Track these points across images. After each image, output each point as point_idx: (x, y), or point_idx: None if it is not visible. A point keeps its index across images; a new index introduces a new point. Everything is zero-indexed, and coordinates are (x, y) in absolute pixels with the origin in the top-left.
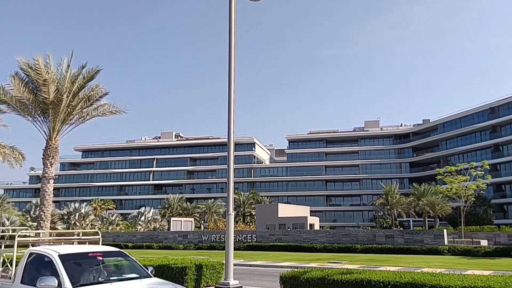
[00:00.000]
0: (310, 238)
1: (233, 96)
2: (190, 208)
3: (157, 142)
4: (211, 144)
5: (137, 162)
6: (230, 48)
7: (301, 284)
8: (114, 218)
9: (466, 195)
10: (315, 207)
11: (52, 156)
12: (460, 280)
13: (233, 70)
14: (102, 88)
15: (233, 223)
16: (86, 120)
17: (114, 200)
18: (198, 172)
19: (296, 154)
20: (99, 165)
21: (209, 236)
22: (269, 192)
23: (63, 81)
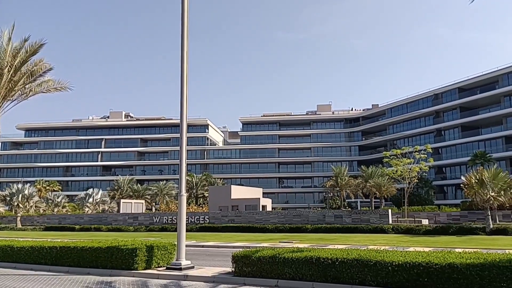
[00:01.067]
0: (262, 219)
1: (185, 77)
2: (141, 190)
3: (105, 122)
4: (163, 125)
5: (85, 142)
6: (183, 26)
7: (253, 263)
8: (60, 200)
9: (410, 177)
10: (268, 189)
11: None
12: (402, 256)
13: (186, 49)
14: (46, 63)
15: (185, 204)
16: (29, 96)
17: (60, 182)
18: (149, 154)
19: (249, 136)
20: (44, 145)
21: (161, 218)
22: (223, 174)
23: (4, 54)
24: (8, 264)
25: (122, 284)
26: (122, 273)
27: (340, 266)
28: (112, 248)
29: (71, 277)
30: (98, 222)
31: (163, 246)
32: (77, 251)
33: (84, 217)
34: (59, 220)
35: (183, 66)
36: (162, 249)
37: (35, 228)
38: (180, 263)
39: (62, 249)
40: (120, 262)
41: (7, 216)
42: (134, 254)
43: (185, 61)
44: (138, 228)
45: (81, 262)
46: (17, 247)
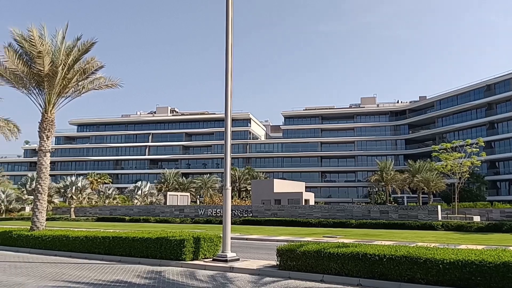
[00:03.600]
0: (305, 213)
1: (230, 72)
2: (186, 183)
3: (152, 117)
4: (206, 119)
5: (133, 137)
6: (227, 23)
7: (298, 257)
8: (111, 192)
9: (461, 172)
10: (310, 183)
11: (48, 129)
12: (454, 254)
13: (230, 45)
14: (98, 61)
15: (230, 197)
16: (81, 93)
17: (110, 174)
18: (193, 148)
19: (291, 130)
20: (95, 139)
21: (206, 211)
22: (265, 168)
23: (58, 53)
24: (64, 253)
25: (171, 274)
26: (171, 263)
27: (388, 262)
28: (161, 239)
29: (123, 266)
30: (146, 214)
31: (209, 238)
32: (129, 241)
33: (134, 208)
34: (110, 211)
35: (227, 62)
36: (208, 241)
37: (87, 218)
38: (226, 255)
39: (114, 239)
40: (168, 252)
41: (62, 207)
42: (182, 245)
43: (230, 57)
44: (184, 220)
45: (132, 252)
46: (72, 237)
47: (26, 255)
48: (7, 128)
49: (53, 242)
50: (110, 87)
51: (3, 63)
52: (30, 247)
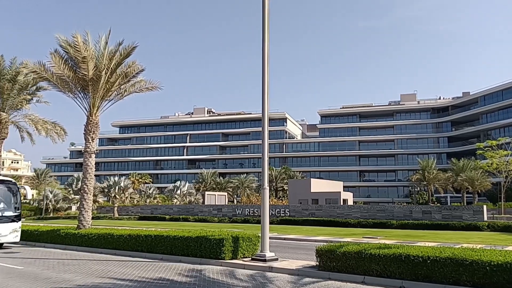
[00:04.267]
0: (344, 213)
1: (266, 72)
2: (223, 183)
3: (190, 117)
4: (243, 119)
5: (171, 138)
6: (264, 24)
7: (338, 257)
8: (152, 191)
9: (507, 170)
10: (348, 182)
11: (93, 131)
12: (502, 256)
13: (266, 46)
14: (139, 65)
15: (268, 197)
16: (124, 96)
17: (150, 174)
18: (230, 147)
19: (328, 129)
20: (136, 141)
21: (243, 210)
22: (301, 167)
23: (102, 58)
24: (109, 250)
25: (211, 273)
26: (211, 262)
27: (432, 264)
28: (201, 238)
29: (165, 264)
30: (185, 213)
31: (247, 238)
32: (170, 240)
33: (173, 208)
34: (151, 210)
35: (264, 62)
36: (247, 240)
37: (130, 217)
38: (265, 254)
39: (156, 238)
40: (208, 251)
41: (105, 206)
42: (221, 244)
43: (266, 57)
44: (222, 219)
45: (173, 250)
46: (117, 235)
47: (74, 252)
48: (54, 131)
49: (98, 240)
50: (150, 89)
51: (50, 69)
52: (77, 244)
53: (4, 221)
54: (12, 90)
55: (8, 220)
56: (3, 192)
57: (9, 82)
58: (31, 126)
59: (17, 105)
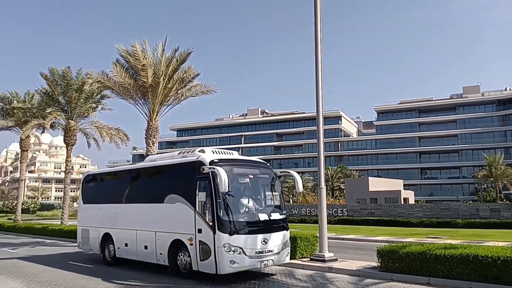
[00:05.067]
0: (405, 213)
1: (320, 70)
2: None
3: (244, 119)
4: (296, 119)
5: (227, 139)
6: (316, 21)
7: (400, 258)
8: None
9: None
10: (409, 180)
11: (153, 136)
12: None
13: (319, 44)
14: (194, 70)
15: (325, 197)
16: (181, 101)
17: None
18: (284, 147)
19: (385, 126)
20: (193, 143)
21: (300, 210)
22: (358, 166)
23: (159, 65)
24: None
25: (270, 272)
26: None
27: (503, 265)
28: None
29: None
30: None
31: (305, 238)
32: None
33: None
34: None
35: (317, 60)
36: (305, 240)
37: None
38: (324, 255)
39: None
40: None
41: None
42: None
43: (319, 56)
44: None
45: None
46: None
47: None
48: (118, 136)
49: None
50: (206, 93)
51: (113, 78)
52: None
53: (275, 229)
54: (79, 100)
55: (279, 228)
56: (264, 181)
57: (76, 92)
58: (97, 132)
59: (84, 113)
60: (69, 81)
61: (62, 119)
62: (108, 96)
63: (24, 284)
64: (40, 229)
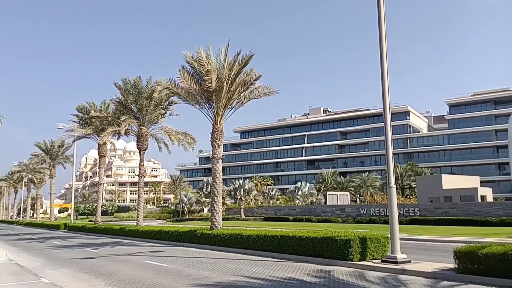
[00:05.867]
0: (483, 211)
1: (385, 64)
2: (345, 182)
3: (306, 118)
4: (361, 116)
5: (290, 140)
6: (380, 15)
7: (479, 259)
8: (274, 193)
9: None
10: (486, 177)
11: (218, 138)
12: None
13: (384, 38)
14: (256, 72)
15: (395, 196)
16: (244, 103)
17: (271, 176)
18: (349, 146)
19: (458, 119)
20: (256, 144)
21: (368, 210)
22: (429, 163)
23: (222, 69)
24: (239, 250)
25: (340, 274)
26: (338, 263)
27: None
28: (327, 238)
29: (293, 264)
30: (308, 213)
31: (376, 238)
32: (296, 240)
33: (296, 208)
34: (275, 211)
35: (382, 54)
36: (375, 241)
37: (255, 218)
38: (396, 256)
39: (282, 238)
40: (335, 252)
41: (233, 208)
42: (348, 245)
43: (384, 49)
44: (346, 219)
45: (300, 250)
46: (246, 235)
47: (209, 251)
48: (185, 140)
49: (229, 240)
50: (268, 94)
51: (179, 84)
52: (211, 244)
53: None
54: (149, 107)
55: None
56: None
57: (147, 99)
58: (166, 137)
59: (154, 119)
60: (140, 90)
61: (135, 126)
62: (176, 102)
63: (105, 282)
64: (118, 230)
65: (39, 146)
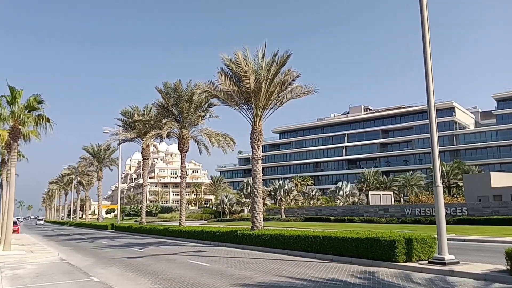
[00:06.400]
0: None
1: (429, 59)
2: (387, 182)
3: (346, 117)
4: (403, 113)
5: (329, 139)
6: (422, 9)
7: None
8: (314, 193)
9: None
10: None
11: (258, 139)
12: None
13: (427, 32)
14: (294, 72)
15: (442, 195)
16: (282, 103)
17: (311, 176)
18: (392, 144)
19: (508, 114)
20: (295, 145)
21: (413, 210)
22: (476, 160)
23: (260, 70)
24: (280, 250)
25: (385, 275)
26: (383, 264)
27: None
28: (371, 239)
29: (336, 265)
30: (350, 214)
31: (422, 239)
32: (338, 241)
33: (337, 209)
34: (316, 212)
35: (425, 48)
36: (422, 242)
37: (296, 219)
38: (444, 257)
39: (324, 239)
40: (379, 253)
41: (273, 209)
42: (393, 246)
43: (427, 44)
44: (389, 220)
45: (342, 251)
46: (287, 236)
47: (250, 251)
48: (225, 142)
49: (271, 240)
50: (307, 94)
51: (218, 86)
52: (252, 244)
53: None
54: (190, 109)
55: None
56: None
57: (187, 102)
58: (206, 139)
59: (194, 122)
60: (180, 93)
61: (176, 128)
62: (215, 104)
63: (152, 281)
64: (162, 230)
65: (87, 150)
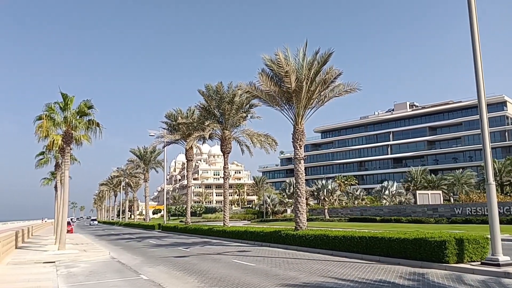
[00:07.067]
0: None
1: (478, 52)
2: (436, 180)
3: (391, 115)
4: (451, 109)
5: (373, 137)
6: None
7: None
8: (358, 193)
9: None
10: None
11: (300, 139)
12: None
13: (475, 24)
14: (336, 70)
15: (495, 193)
16: (324, 102)
17: (355, 176)
18: (440, 142)
19: None
20: (337, 144)
21: (463, 209)
22: None
23: (301, 69)
24: (325, 250)
25: (435, 277)
26: (433, 265)
27: None
28: (419, 240)
29: (383, 266)
30: (397, 214)
31: (473, 240)
32: (385, 241)
33: (383, 208)
34: (361, 212)
35: (474, 43)
36: (473, 243)
37: (340, 219)
38: (498, 258)
39: (371, 239)
40: (429, 254)
41: (316, 209)
42: (443, 247)
43: (476, 36)
44: (438, 220)
45: (390, 252)
46: (332, 236)
47: (294, 252)
48: (267, 142)
49: (315, 241)
50: (349, 92)
51: (259, 87)
52: (296, 244)
53: None
54: (231, 111)
55: None
56: None
57: (228, 104)
58: (248, 139)
59: (236, 123)
60: (221, 95)
61: (218, 130)
62: (256, 104)
63: (198, 280)
64: (207, 230)
65: (134, 152)
